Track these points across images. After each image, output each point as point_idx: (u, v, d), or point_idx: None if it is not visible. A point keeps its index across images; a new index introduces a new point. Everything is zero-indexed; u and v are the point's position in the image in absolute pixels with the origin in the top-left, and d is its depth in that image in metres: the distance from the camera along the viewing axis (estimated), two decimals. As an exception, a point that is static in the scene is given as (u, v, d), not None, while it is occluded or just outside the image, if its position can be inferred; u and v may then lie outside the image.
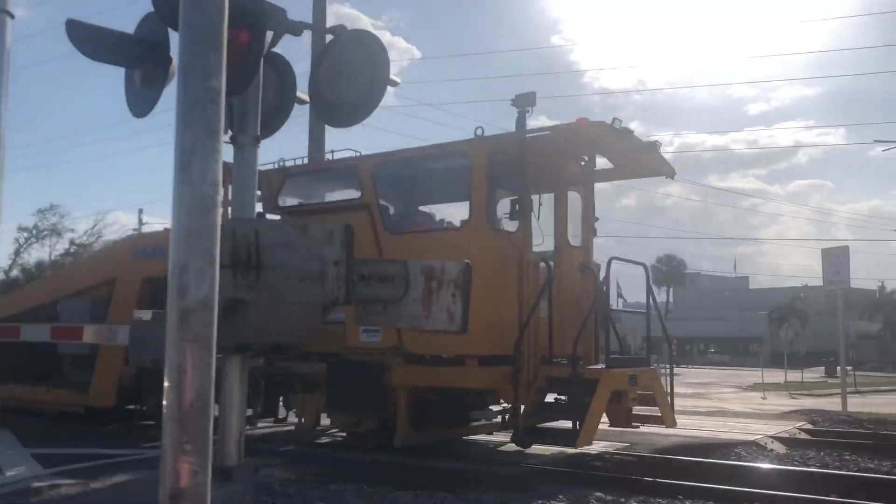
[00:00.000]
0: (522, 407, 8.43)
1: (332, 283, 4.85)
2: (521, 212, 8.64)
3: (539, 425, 8.41)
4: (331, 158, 10.38)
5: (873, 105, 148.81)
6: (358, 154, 9.81)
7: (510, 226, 9.06)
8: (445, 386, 8.61)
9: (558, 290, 8.91)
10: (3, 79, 3.71)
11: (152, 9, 4.77)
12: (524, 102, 8.43)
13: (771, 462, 8.81)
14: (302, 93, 6.91)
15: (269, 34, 5.79)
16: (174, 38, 5.06)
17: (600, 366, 8.62)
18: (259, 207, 11.45)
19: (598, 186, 10.17)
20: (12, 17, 3.70)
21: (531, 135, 8.57)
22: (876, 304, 73.56)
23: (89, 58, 5.13)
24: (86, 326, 10.77)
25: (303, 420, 9.67)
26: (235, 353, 5.37)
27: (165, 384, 2.42)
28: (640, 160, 9.42)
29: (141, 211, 38.62)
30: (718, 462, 8.35)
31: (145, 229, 40.92)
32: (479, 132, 8.56)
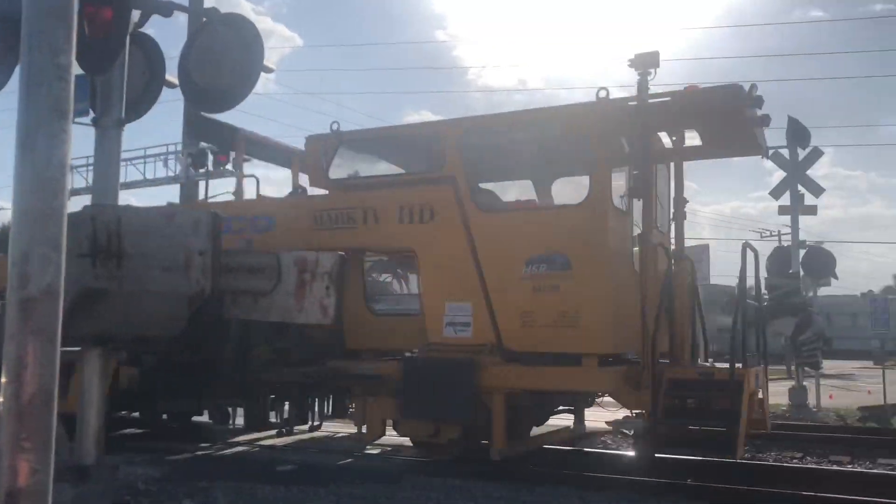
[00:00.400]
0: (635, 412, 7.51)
1: (198, 274, 4.71)
2: (643, 189, 7.47)
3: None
4: (401, 124, 9.23)
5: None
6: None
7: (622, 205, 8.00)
8: (553, 389, 7.55)
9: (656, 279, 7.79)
10: None
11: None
12: (645, 63, 7.32)
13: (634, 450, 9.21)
14: (172, 76, 6.65)
15: (136, 13, 5.55)
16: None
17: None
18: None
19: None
20: None
21: (653, 100, 7.43)
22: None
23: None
24: None
25: (363, 429, 8.14)
26: (94, 346, 5.12)
27: (3, 379, 2.28)
28: (748, 136, 8.07)
29: (-5, 195, 36.01)
30: (587, 451, 8.65)
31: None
32: (602, 94, 7.39)
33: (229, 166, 21.81)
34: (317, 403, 9.47)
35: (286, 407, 9.09)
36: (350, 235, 8.03)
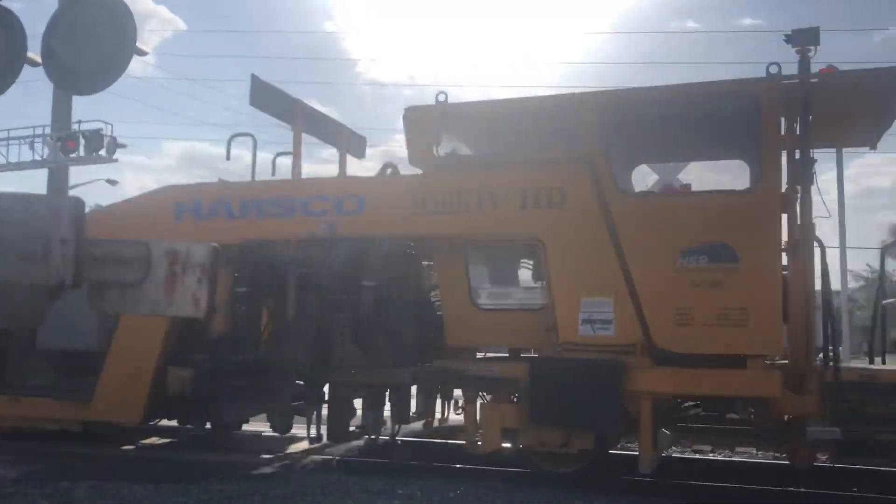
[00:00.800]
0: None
1: (58, 264, 4.44)
2: (807, 175, 6.75)
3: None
4: (525, 96, 8.05)
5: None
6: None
7: None
8: (711, 394, 6.80)
9: None
10: None
11: None
12: (805, 39, 6.71)
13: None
14: (36, 54, 6.26)
15: (-6, -16, 5.19)
16: None
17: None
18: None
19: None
20: None
21: (816, 79, 6.79)
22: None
23: None
24: None
25: (477, 440, 7.19)
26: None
27: None
28: (883, 125, 7.53)
29: None
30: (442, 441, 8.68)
31: None
32: (773, 69, 6.69)
33: (102, 152, 20.87)
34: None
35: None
36: (459, 221, 7.22)
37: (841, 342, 7.11)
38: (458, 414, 7.79)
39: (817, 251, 6.80)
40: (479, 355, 8.03)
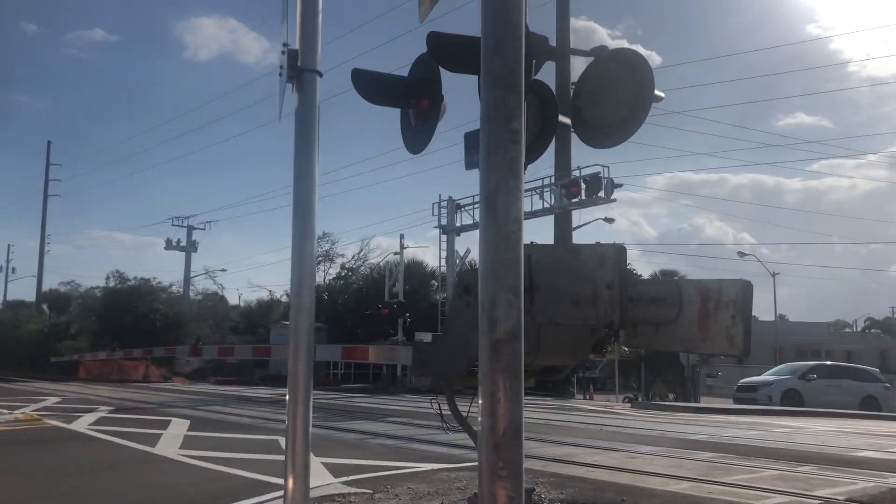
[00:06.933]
0: None
1: (606, 307, 4.84)
2: None
3: None
4: None
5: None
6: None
7: None
8: None
9: None
10: (315, 134, 4.13)
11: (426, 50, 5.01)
12: None
13: None
14: (561, 116, 6.92)
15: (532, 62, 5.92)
16: (446, 76, 5.37)
17: None
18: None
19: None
20: (320, 75, 4.14)
21: None
22: None
23: (370, 102, 5.55)
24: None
25: None
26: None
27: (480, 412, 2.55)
28: None
29: (402, 236, 41.00)
30: None
31: (407, 253, 42.73)
32: None
33: (601, 194, 22.40)
34: None
35: None
36: None
37: None
38: None
39: None
40: None
